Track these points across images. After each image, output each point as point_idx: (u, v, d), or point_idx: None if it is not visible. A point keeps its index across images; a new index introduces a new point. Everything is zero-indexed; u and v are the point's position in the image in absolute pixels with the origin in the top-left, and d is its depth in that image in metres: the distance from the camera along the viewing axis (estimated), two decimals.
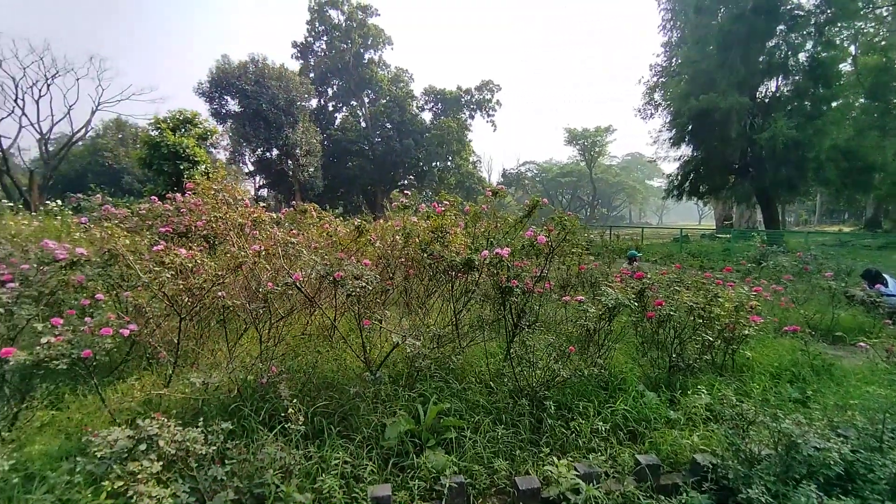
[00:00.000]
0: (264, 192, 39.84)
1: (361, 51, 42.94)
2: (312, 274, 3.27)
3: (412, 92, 44.91)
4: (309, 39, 42.77)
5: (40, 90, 29.40)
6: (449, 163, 43.31)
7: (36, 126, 30.05)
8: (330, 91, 43.96)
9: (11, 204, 15.28)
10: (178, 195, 5.67)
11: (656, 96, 30.25)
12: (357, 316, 3.69)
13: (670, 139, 26.78)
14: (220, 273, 3.21)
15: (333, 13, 41.90)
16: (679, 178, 26.79)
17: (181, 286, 3.09)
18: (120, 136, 38.83)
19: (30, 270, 3.50)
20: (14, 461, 2.24)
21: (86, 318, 3.07)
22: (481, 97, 44.53)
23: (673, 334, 4.26)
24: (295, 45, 42.78)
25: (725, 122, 21.49)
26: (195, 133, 19.94)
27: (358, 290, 3.09)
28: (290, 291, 3.59)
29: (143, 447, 1.83)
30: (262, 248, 3.44)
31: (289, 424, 2.69)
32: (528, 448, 3.23)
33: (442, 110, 44.69)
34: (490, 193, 4.11)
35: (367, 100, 44.26)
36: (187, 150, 18.72)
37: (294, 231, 4.47)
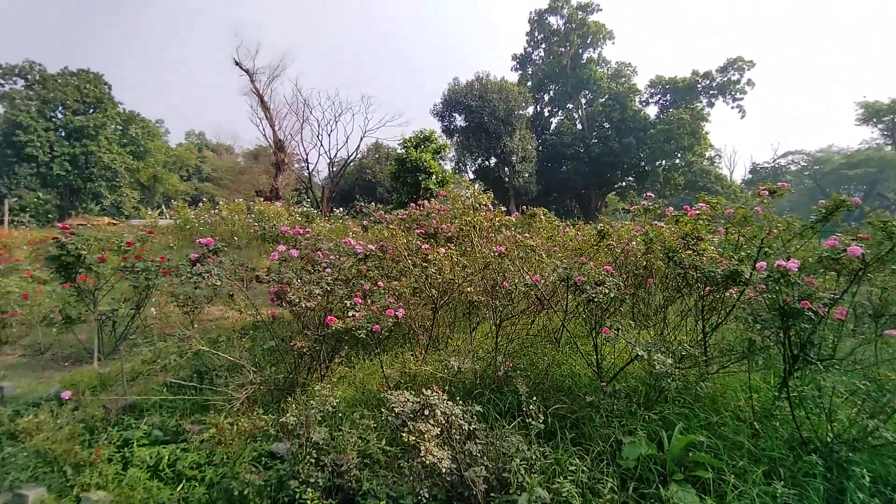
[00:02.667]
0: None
1: (580, 51, 42.07)
2: (551, 277, 3.32)
3: (635, 86, 41.38)
4: (528, 50, 44.48)
5: (330, 126, 39.65)
6: (677, 160, 38.04)
7: (326, 154, 40.61)
8: (546, 97, 44.62)
9: (315, 212, 21.02)
10: (426, 202, 6.68)
11: None
12: (591, 323, 3.57)
13: None
14: (470, 271, 3.63)
15: (552, 19, 42.39)
16: None
17: (439, 280, 3.62)
18: (377, 155, 48.64)
19: (335, 261, 4.73)
20: (338, 401, 3.04)
21: (356, 300, 3.93)
22: (724, 79, 37.48)
23: None
24: (514, 57, 45.18)
25: None
26: (431, 148, 23.34)
27: (600, 296, 2.98)
28: (532, 292, 3.74)
29: (426, 412, 2.21)
30: (506, 249, 3.72)
31: (529, 420, 2.79)
32: None
33: (671, 101, 39.66)
34: (765, 193, 3.35)
35: (583, 101, 43.05)
36: (425, 164, 22.09)
37: (527, 234, 4.67)
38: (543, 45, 43.50)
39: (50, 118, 42.04)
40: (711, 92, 38.19)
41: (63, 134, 42.29)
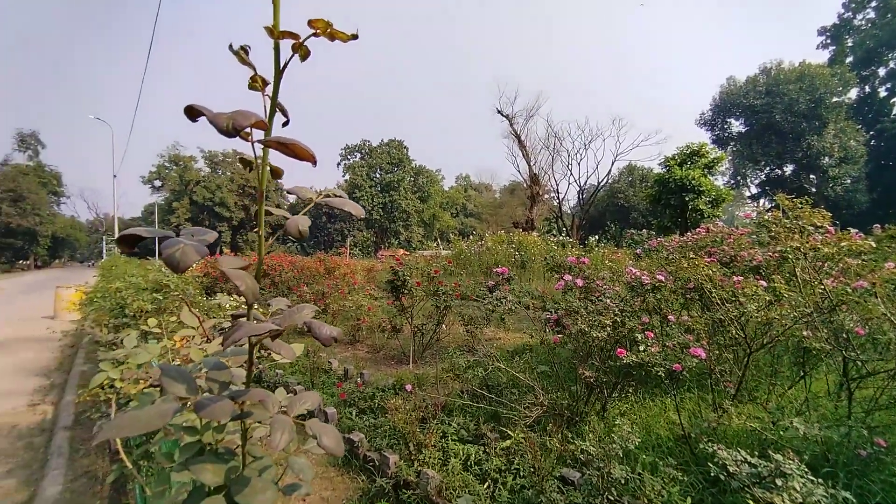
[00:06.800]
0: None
1: None
2: None
3: None
4: (846, 16, 33.66)
5: (580, 155, 39.72)
6: None
7: (576, 182, 40.65)
8: (882, 71, 32.41)
9: (569, 240, 21.29)
10: (712, 226, 5.76)
11: None
12: None
13: None
14: (806, 311, 2.86)
15: None
16: None
17: (757, 318, 3.00)
18: (629, 178, 45.58)
19: (610, 292, 4.59)
20: (640, 440, 2.88)
21: (648, 334, 3.61)
22: None
23: None
24: (822, 31, 34.91)
25: None
26: (701, 163, 20.28)
27: None
28: None
29: (779, 482, 1.81)
30: (868, 284, 2.76)
31: None
32: None
33: None
34: None
35: None
36: (693, 182, 19.31)
37: (891, 264, 3.37)
38: (874, 3, 32.02)
39: (372, 178, 58.25)
40: None
41: (379, 188, 57.66)
